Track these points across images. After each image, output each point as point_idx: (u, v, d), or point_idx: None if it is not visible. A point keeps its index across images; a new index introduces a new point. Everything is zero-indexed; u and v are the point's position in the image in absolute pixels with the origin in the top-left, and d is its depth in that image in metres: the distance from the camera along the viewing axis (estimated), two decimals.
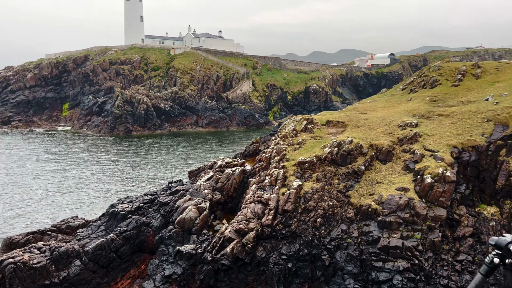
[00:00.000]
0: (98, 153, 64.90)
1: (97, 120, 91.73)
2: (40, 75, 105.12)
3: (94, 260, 20.64)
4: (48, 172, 52.06)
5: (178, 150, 69.00)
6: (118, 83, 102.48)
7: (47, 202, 39.77)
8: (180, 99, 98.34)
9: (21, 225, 33.42)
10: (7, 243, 23.32)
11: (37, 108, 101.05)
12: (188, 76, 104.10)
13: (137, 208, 24.71)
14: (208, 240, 21.12)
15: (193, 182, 28.25)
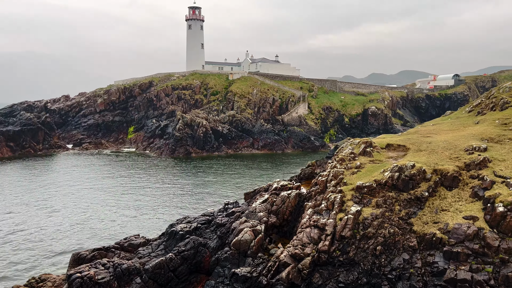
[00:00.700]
0: (159, 174, 67.67)
1: (159, 143, 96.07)
2: (109, 100, 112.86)
3: (154, 278, 21.27)
4: (112, 190, 55.07)
5: (234, 172, 70.07)
6: (180, 107, 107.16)
7: (111, 219, 41.92)
8: (237, 122, 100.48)
9: (88, 241, 35.42)
10: (76, 258, 24.79)
11: (106, 131, 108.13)
12: (245, 100, 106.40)
13: (194, 229, 25.26)
14: (263, 263, 20.97)
15: (248, 204, 28.43)
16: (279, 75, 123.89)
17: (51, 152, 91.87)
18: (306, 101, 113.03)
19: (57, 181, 60.90)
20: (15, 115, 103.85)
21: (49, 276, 26.10)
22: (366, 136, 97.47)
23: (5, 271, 29.55)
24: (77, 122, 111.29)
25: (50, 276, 26.12)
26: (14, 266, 30.36)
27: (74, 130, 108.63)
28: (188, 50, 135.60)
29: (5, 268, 30.03)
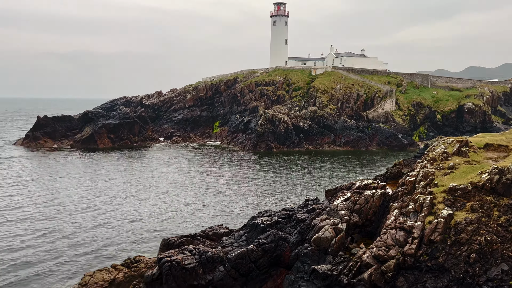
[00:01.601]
0: (242, 167, 69.68)
1: (242, 137, 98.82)
2: (197, 96, 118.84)
3: (235, 267, 22.03)
4: (199, 181, 58.03)
5: (315, 168, 69.47)
6: (262, 103, 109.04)
7: (197, 208, 44.26)
8: (318, 118, 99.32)
9: (175, 228, 37.84)
10: (165, 243, 26.62)
11: (193, 125, 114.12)
12: (327, 96, 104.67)
13: (275, 222, 25.59)
14: (344, 262, 20.56)
15: (329, 202, 28.01)
16: (365, 69, 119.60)
17: (145, 144, 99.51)
18: (393, 96, 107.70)
19: (150, 171, 65.86)
20: (115, 109, 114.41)
21: (142, 258, 28.42)
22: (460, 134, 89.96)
23: (105, 250, 32.82)
24: (168, 116, 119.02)
25: (143, 258, 28.43)
26: (111, 247, 33.59)
27: (166, 124, 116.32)
28: (272, 46, 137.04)
29: (105, 247, 33.36)
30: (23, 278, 27.62)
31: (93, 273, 26.11)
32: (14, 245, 33.02)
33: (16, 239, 34.40)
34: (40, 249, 32.31)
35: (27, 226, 37.60)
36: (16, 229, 36.87)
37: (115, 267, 26.96)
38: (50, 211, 42.58)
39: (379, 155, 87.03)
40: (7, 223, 38.27)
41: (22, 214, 41.31)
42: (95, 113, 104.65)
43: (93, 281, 25.37)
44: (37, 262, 29.99)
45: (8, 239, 34.34)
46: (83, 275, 26.51)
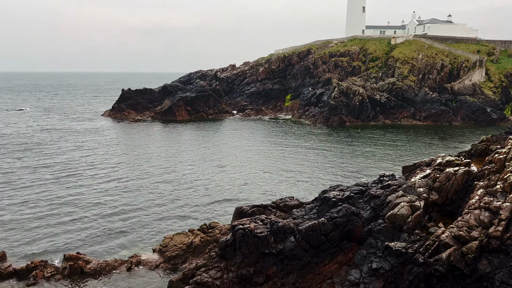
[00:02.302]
0: (313, 141, 69.09)
1: (314, 111, 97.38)
2: (269, 69, 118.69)
3: (306, 239, 22.24)
4: (271, 154, 58.77)
5: (391, 143, 66.60)
6: (336, 75, 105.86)
7: (269, 180, 45.05)
8: (397, 90, 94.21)
9: (248, 198, 39.01)
10: (238, 212, 27.61)
11: (265, 98, 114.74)
12: (408, 66, 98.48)
13: (347, 197, 25.19)
14: (420, 241, 19.74)
15: (406, 178, 26.78)
16: (451, 37, 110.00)
17: (219, 116, 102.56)
18: (483, 66, 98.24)
19: (225, 142, 68.06)
20: (191, 82, 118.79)
21: (217, 225, 29.87)
22: None
23: (183, 215, 34.99)
24: (241, 90, 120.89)
25: (217, 225, 29.87)
26: (189, 212, 35.68)
27: (239, 97, 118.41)
28: (348, 14, 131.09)
29: (183, 212, 35.55)
30: (108, 235, 30.59)
31: (173, 236, 28.08)
32: (102, 206, 36.51)
33: (105, 199, 37.99)
34: (124, 210, 35.38)
35: (114, 189, 41.24)
36: (105, 190, 40.65)
37: (192, 232, 28.70)
38: (135, 176, 46.15)
39: (464, 130, 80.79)
40: (96, 185, 42.31)
41: (110, 178, 45.33)
42: (173, 86, 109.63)
43: (172, 243, 27.31)
44: (123, 221, 32.94)
45: (98, 198, 38.06)
46: (164, 237, 28.64)
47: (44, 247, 28.42)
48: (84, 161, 53.07)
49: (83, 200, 37.92)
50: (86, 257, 25.80)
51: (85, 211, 35.13)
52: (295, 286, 21.18)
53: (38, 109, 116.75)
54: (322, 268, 21.69)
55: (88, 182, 43.96)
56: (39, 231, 30.89)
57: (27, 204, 36.35)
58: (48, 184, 42.62)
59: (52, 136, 71.38)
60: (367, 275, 19.58)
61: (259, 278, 21.55)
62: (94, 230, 31.52)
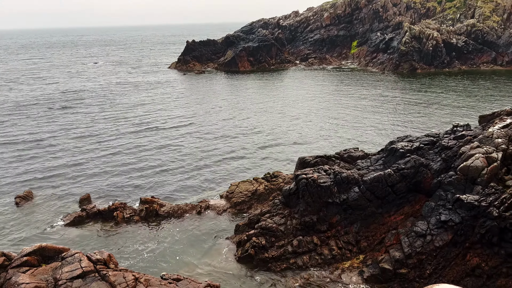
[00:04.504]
0: (381, 90, 66.13)
1: (382, 57, 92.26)
2: (335, 14, 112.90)
3: (371, 190, 22.01)
4: (337, 105, 57.45)
5: (467, 91, 61.79)
6: (408, 18, 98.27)
7: (334, 130, 44.45)
8: (476, 32, 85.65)
9: (312, 147, 38.99)
10: (301, 162, 27.81)
11: (330, 46, 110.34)
12: (491, 5, 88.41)
13: (416, 148, 24.20)
14: (495, 194, 18.67)
15: (483, 129, 24.96)
16: None
17: (282, 66, 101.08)
18: None
19: (289, 93, 67.56)
20: (253, 32, 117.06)
21: (280, 174, 30.46)
22: None
23: (248, 164, 36.06)
24: (304, 37, 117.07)
25: (281, 174, 30.46)
26: (254, 161, 36.63)
27: (302, 45, 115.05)
28: None
29: (248, 161, 36.61)
30: (180, 181, 32.57)
31: (238, 183, 29.21)
32: (174, 154, 38.66)
33: (178, 148, 40.13)
34: (195, 158, 37.22)
35: (185, 139, 43.30)
36: (177, 140, 42.85)
37: (256, 180, 29.61)
38: (205, 127, 47.91)
39: None
40: (169, 135, 44.64)
41: (181, 129, 47.50)
42: (236, 37, 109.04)
43: (238, 190, 28.48)
44: (193, 169, 34.79)
45: (171, 147, 40.30)
46: (230, 184, 29.91)
47: (123, 191, 31.09)
48: (158, 114, 55.88)
49: (156, 149, 40.39)
50: (160, 201, 27.87)
51: (158, 159, 37.52)
52: (358, 235, 21.36)
53: (111, 63, 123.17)
54: (387, 218, 21.53)
55: (160, 132, 46.49)
56: (118, 176, 33.73)
57: (109, 153, 39.57)
58: (127, 134, 45.73)
59: (127, 89, 75.48)
60: (434, 227, 19.14)
61: (322, 226, 21.98)
62: (167, 176, 33.71)
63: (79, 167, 35.78)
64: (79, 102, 62.96)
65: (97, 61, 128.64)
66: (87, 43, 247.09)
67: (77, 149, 40.57)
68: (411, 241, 19.24)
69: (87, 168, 35.46)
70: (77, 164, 36.46)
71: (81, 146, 41.36)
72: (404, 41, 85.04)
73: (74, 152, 39.54)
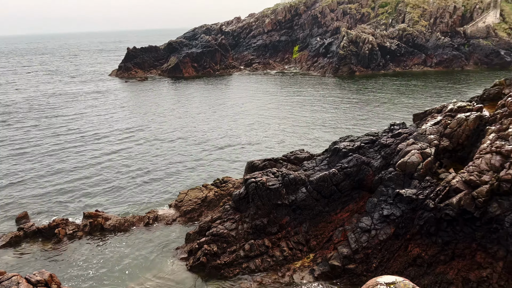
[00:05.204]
0: (322, 93, 68.36)
1: (323, 61, 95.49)
2: (276, 20, 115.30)
3: (317, 189, 22.68)
4: (281, 108, 58.53)
5: (402, 91, 65.62)
6: (345, 23, 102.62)
7: (279, 134, 45.24)
8: (407, 36, 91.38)
9: (259, 152, 39.40)
10: (250, 166, 28.02)
11: (273, 51, 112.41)
12: (419, 11, 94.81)
13: (358, 148, 25.29)
14: (431, 187, 20.00)
15: (417, 126, 26.65)
16: None
17: (227, 72, 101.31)
18: (498, 7, 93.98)
19: (235, 98, 67.76)
20: (196, 38, 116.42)
21: (229, 179, 30.46)
22: None
23: (197, 171, 35.67)
24: (247, 43, 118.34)
25: (230, 179, 30.47)
26: (202, 168, 36.31)
27: (245, 51, 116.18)
28: None
29: (196, 168, 36.21)
30: (125, 193, 31.51)
31: (187, 191, 28.80)
32: (117, 165, 37.31)
33: (120, 158, 38.76)
34: (139, 168, 36.16)
35: (128, 148, 41.93)
36: (119, 150, 41.38)
37: (206, 186, 29.38)
38: (148, 135, 46.68)
39: (477, 75, 78.95)
40: (110, 146, 43.02)
41: (123, 138, 45.94)
42: (179, 43, 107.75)
43: (187, 198, 28.08)
44: (138, 179, 33.78)
45: (113, 158, 38.84)
46: (179, 192, 29.40)
47: (64, 206, 29.48)
48: (100, 124, 53.62)
49: (98, 160, 38.74)
50: (105, 214, 26.77)
51: (101, 171, 35.99)
52: (308, 234, 21.88)
53: (46, 72, 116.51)
54: (333, 216, 22.26)
55: (103, 143, 44.66)
56: (58, 191, 31.92)
57: (45, 167, 37.32)
58: (65, 146, 43.43)
59: (63, 100, 71.71)
60: (378, 222, 20.09)
61: (273, 228, 22.26)
62: (113, 188, 32.43)
63: (15, 183, 33.44)
64: (11, 116, 58.90)
65: (31, 70, 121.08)
66: (17, 51, 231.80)
67: (12, 165, 37.92)
68: (357, 236, 20.04)
69: (24, 184, 33.23)
70: (13, 180, 34.07)
71: (16, 162, 38.71)
72: (342, 46, 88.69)
73: (9, 168, 36.92)
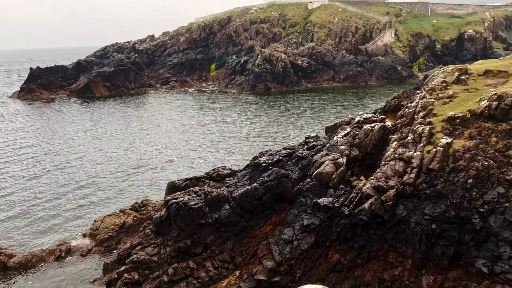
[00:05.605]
0: (240, 109, 69.56)
1: (240, 79, 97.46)
2: (191, 38, 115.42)
3: (241, 205, 22.81)
4: (199, 126, 58.24)
5: (314, 106, 69.31)
6: (258, 42, 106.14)
7: (200, 152, 44.86)
8: (316, 54, 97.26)
9: (178, 172, 38.63)
10: (171, 186, 27.32)
11: (189, 69, 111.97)
12: (325, 30, 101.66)
13: (277, 161, 26.05)
14: (345, 195, 21.23)
15: (330, 138, 28.28)
16: (363, 0, 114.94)
17: (142, 91, 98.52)
18: (392, 27, 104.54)
19: (151, 118, 65.88)
20: (108, 56, 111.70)
21: (149, 202, 29.35)
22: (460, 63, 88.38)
23: (113, 196, 33.79)
24: (163, 61, 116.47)
25: (150, 202, 29.37)
26: (119, 193, 34.53)
27: (161, 69, 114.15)
28: None
29: (112, 193, 34.31)
30: (33, 225, 28.71)
31: (103, 218, 27.11)
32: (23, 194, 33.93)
33: (26, 187, 35.27)
34: (48, 197, 33.23)
35: (34, 176, 38.37)
36: (25, 178, 37.67)
37: (123, 212, 27.92)
38: (57, 160, 43.20)
39: (379, 89, 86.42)
40: (13, 173, 39.03)
41: (29, 164, 41.98)
42: (89, 62, 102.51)
43: (104, 226, 26.41)
44: (47, 209, 30.99)
45: (17, 187, 35.23)
46: (94, 220, 27.54)
47: None
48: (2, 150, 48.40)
49: (4, 190, 34.87)
50: (8, 251, 24.05)
51: (5, 202, 32.38)
52: (233, 251, 21.79)
53: None
54: (257, 231, 22.50)
55: (5, 171, 40.33)
56: None
57: None
58: None
59: None
60: (299, 232, 20.72)
61: (197, 249, 21.80)
62: (18, 220, 29.32)
63: None
64: None
65: None
66: None
67: None
68: (281, 248, 20.45)
69: None
70: None
71: None
72: (257, 63, 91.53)
73: None
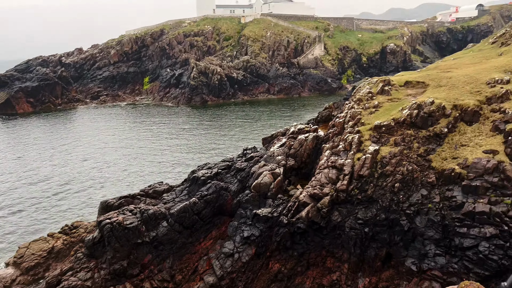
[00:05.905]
0: (177, 123, 68.44)
1: (175, 92, 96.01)
2: (122, 51, 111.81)
3: (179, 221, 22.28)
4: (133, 142, 56.28)
5: (251, 118, 70.20)
6: (193, 55, 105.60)
7: (135, 168, 43.27)
8: (251, 67, 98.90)
9: (113, 190, 36.93)
10: (104, 206, 25.99)
11: (121, 82, 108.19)
12: (259, 44, 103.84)
13: (215, 174, 25.91)
14: (283, 204, 21.62)
15: (266, 149, 28.77)
16: (293, 15, 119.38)
17: (70, 106, 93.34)
18: (322, 41, 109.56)
19: (79, 135, 62.45)
20: (31, 70, 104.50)
21: (80, 223, 27.66)
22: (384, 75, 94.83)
23: (38, 219, 31.37)
24: (92, 75, 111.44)
25: (81, 223, 27.68)
26: (45, 216, 32.15)
27: (91, 83, 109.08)
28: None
29: (38, 216, 31.85)
30: None
31: (29, 244, 25.05)
32: None
33: None
34: None
35: None
36: None
37: (52, 236, 26.05)
38: None
39: (311, 100, 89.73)
40: None
41: None
42: (9, 76, 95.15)
43: (30, 252, 24.39)
44: None
45: None
46: (18, 247, 25.35)
47: None
48: None
49: None
50: None
51: None
52: (172, 269, 21.17)
53: None
54: (197, 246, 22.09)
55: None
56: None
57: None
58: None
59: None
60: (240, 244, 20.68)
61: (134, 270, 20.89)
62: None
63: None
64: None
65: None
66: None
67: None
68: (222, 262, 20.24)
69: None
70: None
71: None
72: (192, 76, 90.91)
73: None
